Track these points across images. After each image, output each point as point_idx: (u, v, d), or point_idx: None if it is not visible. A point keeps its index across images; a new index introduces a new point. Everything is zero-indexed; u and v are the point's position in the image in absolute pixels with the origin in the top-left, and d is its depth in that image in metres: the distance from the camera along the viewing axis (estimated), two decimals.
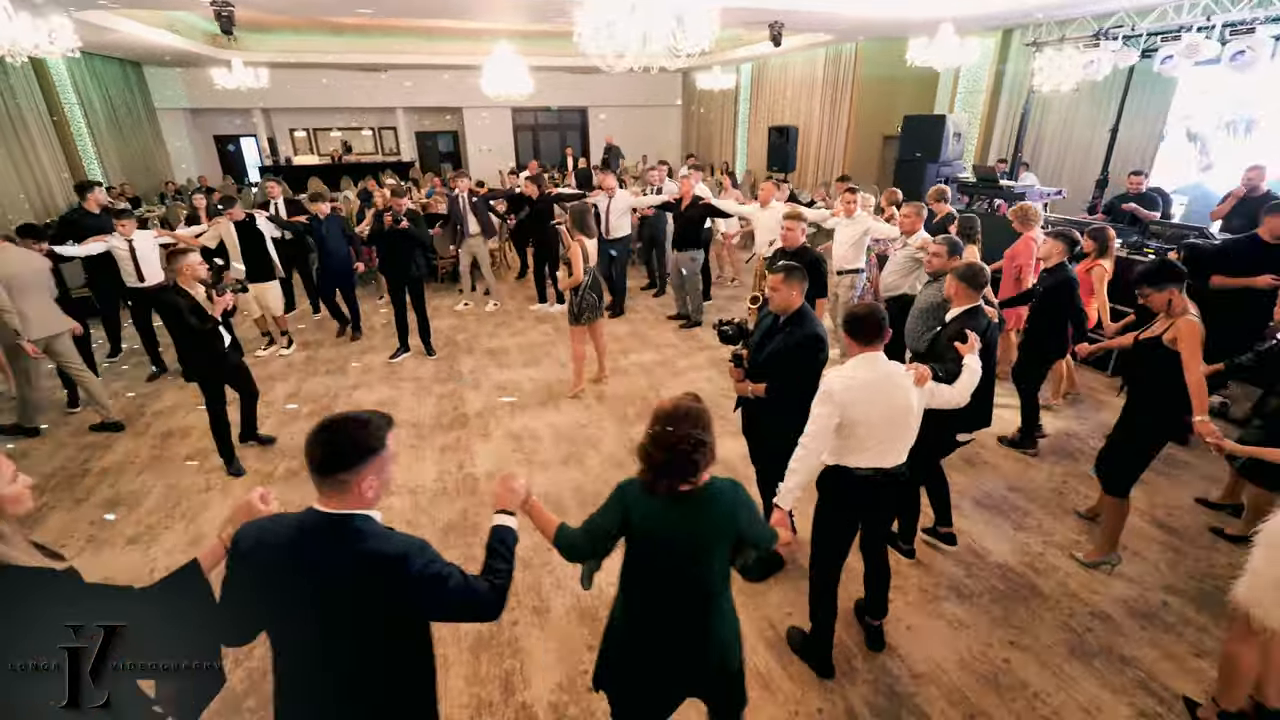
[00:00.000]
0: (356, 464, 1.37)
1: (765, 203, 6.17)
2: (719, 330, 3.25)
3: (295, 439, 4.54)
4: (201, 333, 3.80)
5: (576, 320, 4.80)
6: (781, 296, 2.83)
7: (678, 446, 1.62)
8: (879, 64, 11.13)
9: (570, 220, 4.73)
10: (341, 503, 1.38)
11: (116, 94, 12.32)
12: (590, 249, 4.70)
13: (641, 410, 4.88)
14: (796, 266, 2.87)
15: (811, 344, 2.79)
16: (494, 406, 5.00)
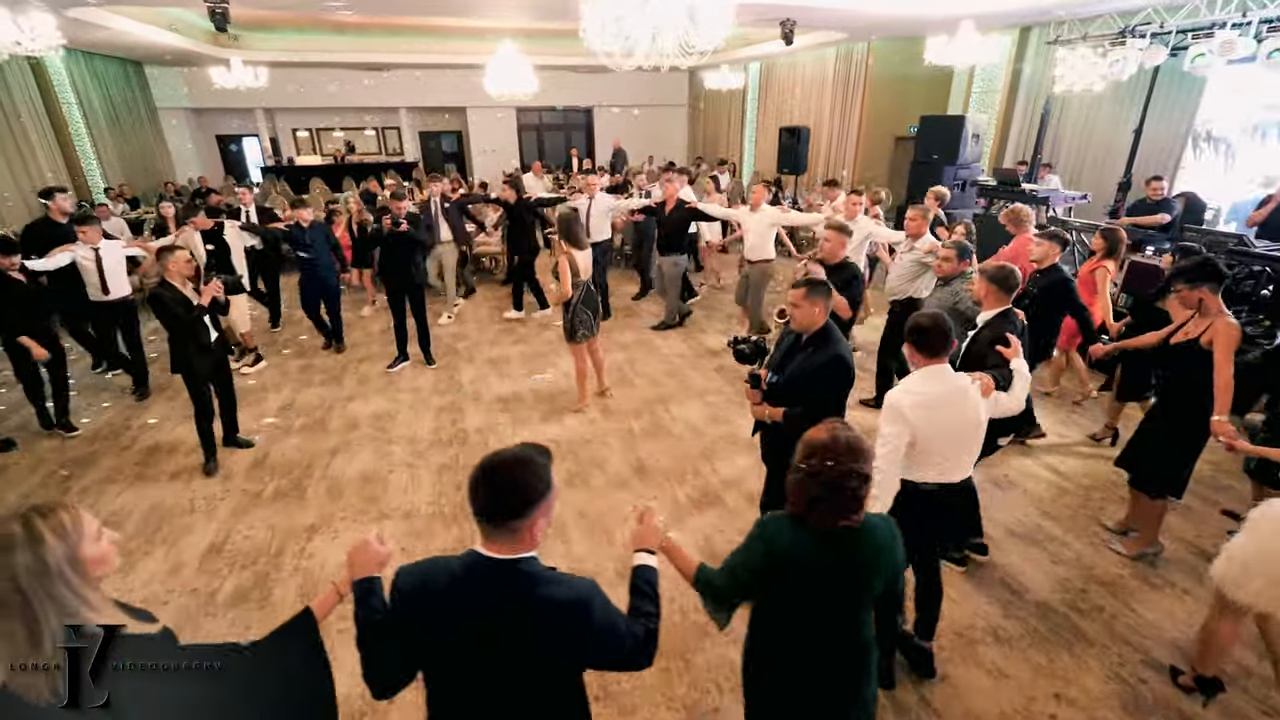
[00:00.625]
0: (529, 510, 1.28)
1: (756, 206, 5.99)
2: (735, 348, 2.99)
3: (286, 454, 4.33)
4: (187, 323, 3.82)
5: (571, 337, 4.56)
6: (803, 314, 2.60)
7: (841, 483, 1.47)
8: (892, 63, 10.87)
9: (558, 230, 4.47)
10: (511, 548, 1.30)
11: (117, 93, 12.17)
12: (582, 261, 4.43)
13: (649, 426, 4.65)
14: (820, 281, 2.64)
15: (835, 367, 2.56)
16: (495, 422, 4.77)
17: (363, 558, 1.48)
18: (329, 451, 4.36)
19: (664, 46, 3.84)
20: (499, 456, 1.31)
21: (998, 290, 2.92)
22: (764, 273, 5.99)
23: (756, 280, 6.08)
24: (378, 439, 4.52)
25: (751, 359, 2.90)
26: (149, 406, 5.09)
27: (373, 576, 1.46)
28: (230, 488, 3.95)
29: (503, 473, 1.28)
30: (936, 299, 3.71)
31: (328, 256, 5.88)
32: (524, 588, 1.28)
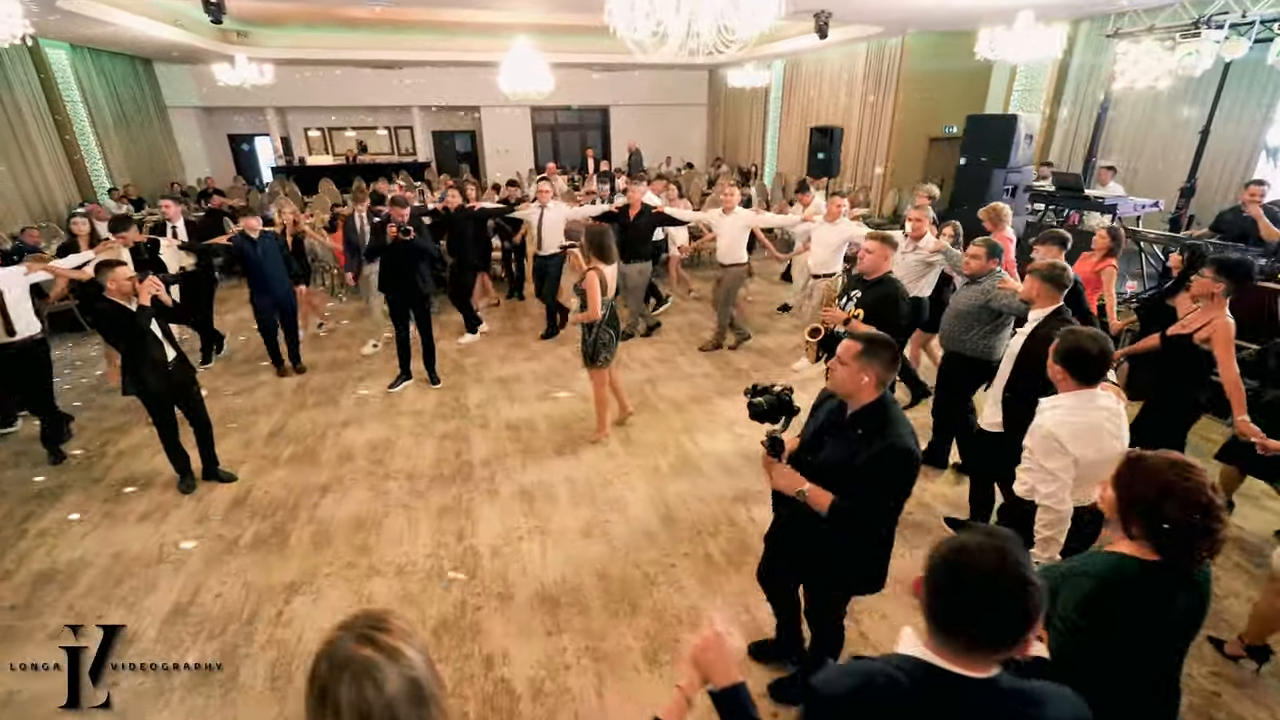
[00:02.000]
0: (1030, 631, 1.01)
1: (729, 209, 5.62)
2: (750, 401, 2.20)
3: (271, 491, 3.88)
4: (134, 334, 3.45)
5: (592, 362, 4.07)
6: (848, 377, 1.92)
7: (1209, 519, 1.32)
8: (927, 59, 10.27)
9: (585, 244, 3.98)
10: (992, 666, 1.04)
11: (125, 91, 11.89)
12: (609, 277, 3.96)
13: (676, 461, 4.15)
14: (884, 342, 1.93)
15: (898, 462, 1.87)
16: (503, 453, 4.29)
17: (716, 656, 1.19)
18: (319, 488, 3.90)
19: (700, 33, 3.33)
20: (1002, 560, 0.98)
21: (1050, 288, 2.84)
22: (737, 277, 5.81)
23: (729, 284, 5.80)
24: (373, 473, 4.06)
25: (772, 417, 2.15)
26: (129, 430, 4.67)
27: (738, 683, 1.17)
28: (205, 532, 3.50)
29: (1018, 587, 0.97)
30: (966, 297, 3.55)
31: (282, 270, 5.27)
32: (1024, 706, 1.02)
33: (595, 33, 13.14)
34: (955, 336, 3.59)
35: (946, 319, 3.64)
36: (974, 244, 3.52)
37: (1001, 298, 3.37)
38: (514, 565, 3.22)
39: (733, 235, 5.67)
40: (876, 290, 3.38)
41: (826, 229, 5.33)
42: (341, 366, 5.81)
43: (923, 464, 3.88)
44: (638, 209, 5.98)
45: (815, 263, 5.38)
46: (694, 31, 3.31)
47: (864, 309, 3.34)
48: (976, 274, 3.53)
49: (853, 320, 3.33)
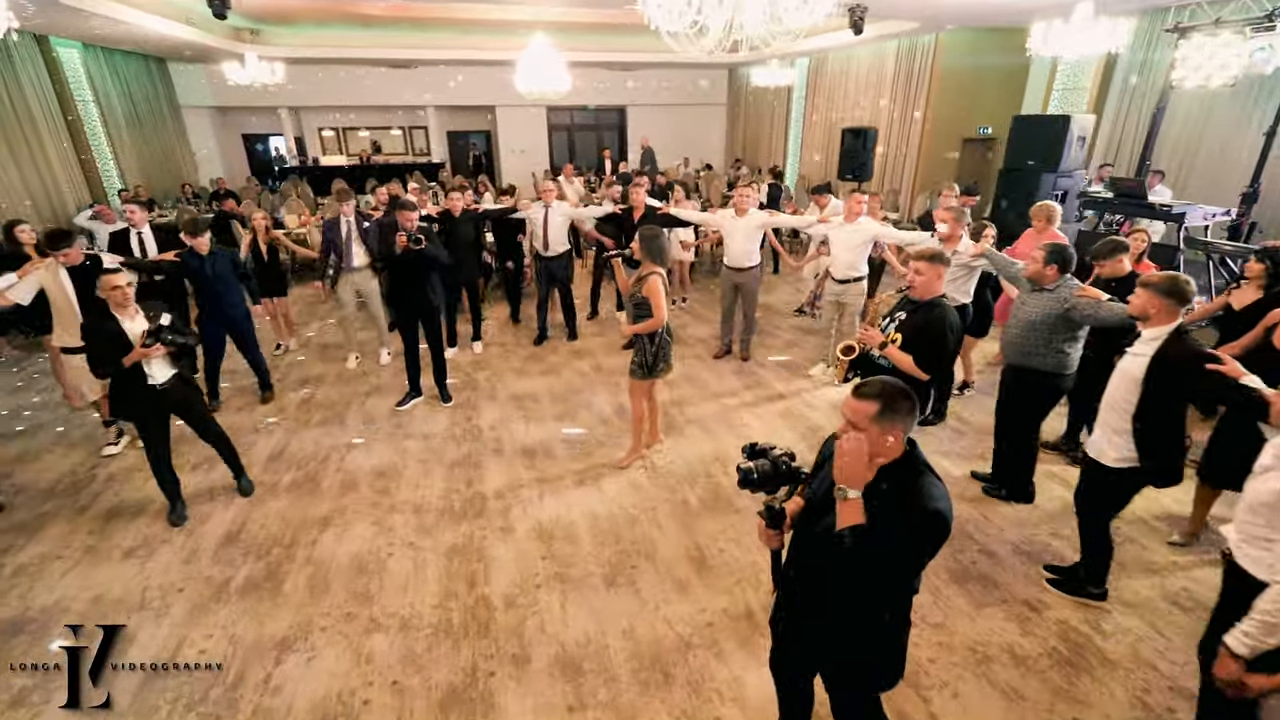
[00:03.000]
0: None
1: (743, 210, 5.26)
2: (739, 467, 1.79)
3: (267, 525, 3.57)
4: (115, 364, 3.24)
5: (650, 372, 3.76)
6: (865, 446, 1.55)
7: None
8: (963, 57, 9.81)
9: (640, 248, 3.65)
10: None
11: (138, 90, 11.74)
12: (665, 281, 3.69)
13: (706, 495, 3.78)
14: (899, 392, 1.60)
15: (927, 527, 1.54)
16: (518, 483, 3.95)
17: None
18: (318, 522, 3.58)
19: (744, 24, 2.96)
20: None
21: (1171, 303, 2.49)
22: (756, 280, 5.45)
23: (749, 290, 5.45)
24: (378, 505, 3.73)
25: (768, 486, 1.77)
26: (120, 454, 4.39)
27: None
28: (192, 573, 3.19)
29: None
30: (1037, 307, 3.23)
31: (237, 291, 4.78)
32: None
33: (613, 31, 12.80)
34: (1026, 349, 3.28)
35: (1012, 331, 3.34)
36: (1037, 247, 3.21)
37: (1086, 308, 3.05)
38: (531, 620, 2.88)
39: (746, 236, 5.32)
40: (925, 315, 2.95)
41: (846, 231, 5.03)
42: (348, 380, 5.51)
43: (1005, 498, 3.65)
44: (641, 211, 5.69)
45: (838, 267, 5.10)
46: (738, 24, 2.93)
47: (905, 333, 2.96)
48: (1038, 280, 3.22)
49: (890, 345, 2.97)
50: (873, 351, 3.03)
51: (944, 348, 2.93)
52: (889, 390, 1.59)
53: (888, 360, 2.95)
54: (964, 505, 3.65)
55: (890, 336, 2.99)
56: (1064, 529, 3.46)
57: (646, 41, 14.00)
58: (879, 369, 2.97)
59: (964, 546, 3.34)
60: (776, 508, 1.74)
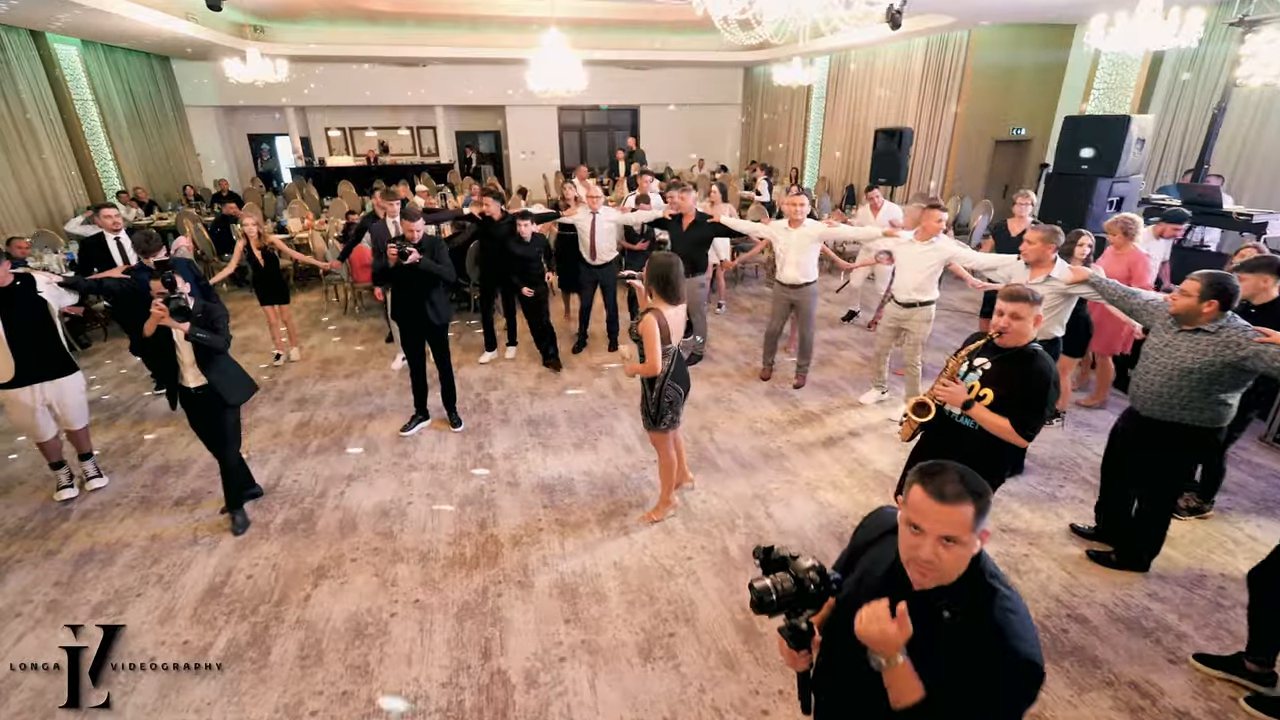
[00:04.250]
0: None
1: (796, 221, 4.82)
2: (751, 585, 1.30)
3: (257, 577, 3.16)
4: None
5: (655, 424, 3.27)
6: (947, 559, 1.17)
7: None
8: (997, 55, 9.33)
9: (646, 275, 3.14)
10: None
11: (140, 89, 11.42)
12: (674, 321, 3.13)
13: (749, 542, 3.35)
14: (981, 496, 1.19)
15: (1023, 682, 1.15)
16: (536, 526, 3.53)
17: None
18: (312, 572, 3.18)
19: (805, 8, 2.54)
20: None
21: None
22: (814, 297, 5.04)
23: (805, 310, 5.00)
24: (380, 551, 3.32)
25: (790, 608, 1.30)
26: (95, 492, 4.00)
27: None
28: (168, 637, 2.79)
29: None
30: (1192, 352, 2.67)
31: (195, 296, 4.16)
32: None
33: (627, 28, 12.41)
34: (1172, 401, 2.76)
35: (1152, 379, 2.81)
36: (1191, 277, 2.65)
37: (1271, 359, 2.48)
38: (556, 704, 2.46)
39: (802, 250, 4.85)
40: (1019, 366, 2.41)
41: (917, 250, 4.36)
42: (349, 400, 5.11)
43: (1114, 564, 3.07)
44: (691, 217, 5.26)
45: (903, 289, 4.47)
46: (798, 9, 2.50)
47: (994, 388, 2.43)
48: (1191, 318, 2.67)
49: (977, 404, 2.43)
50: (952, 411, 2.52)
51: (1045, 406, 2.39)
52: (975, 483, 1.19)
53: (972, 421, 2.45)
54: (1043, 559, 3.22)
55: (978, 392, 2.46)
56: (1162, 589, 3.02)
57: (661, 39, 13.62)
58: (960, 432, 2.51)
59: (1051, 610, 2.90)
60: (802, 627, 1.31)
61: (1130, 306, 3.08)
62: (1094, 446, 4.26)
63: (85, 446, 3.91)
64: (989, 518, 1.19)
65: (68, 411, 3.72)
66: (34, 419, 3.61)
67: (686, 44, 13.51)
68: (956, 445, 2.44)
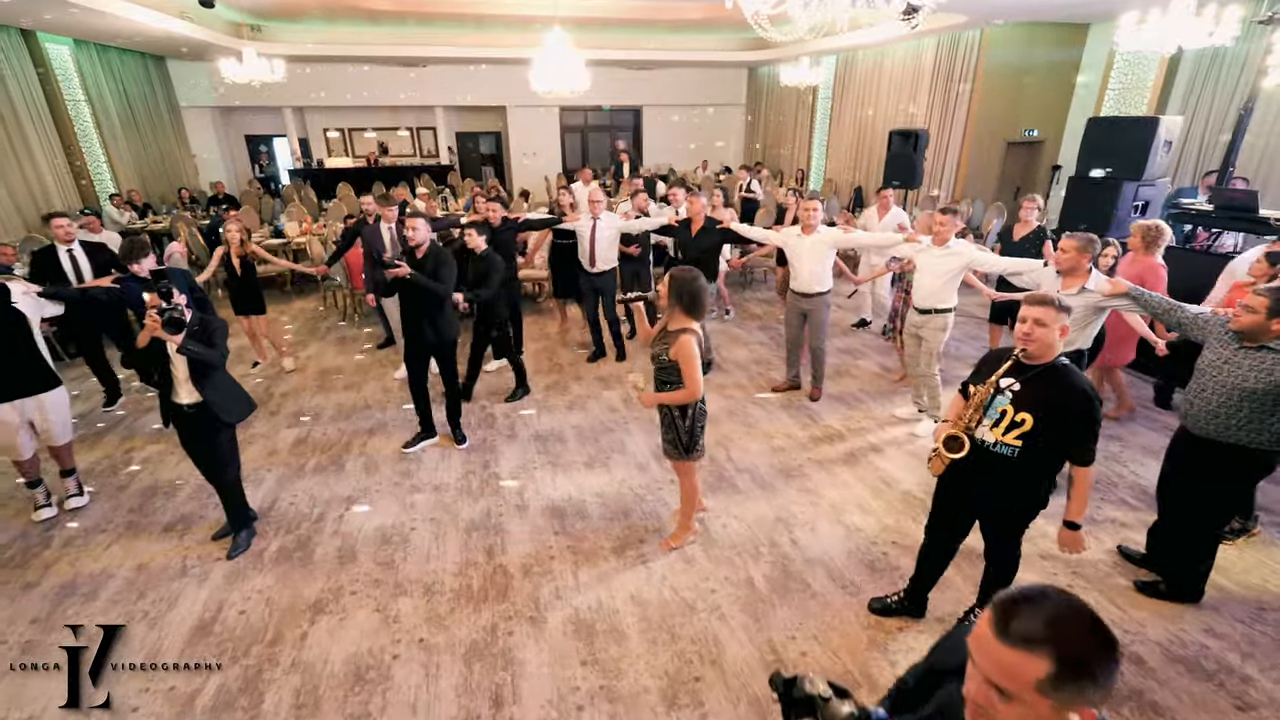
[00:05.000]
0: None
1: (810, 228, 4.60)
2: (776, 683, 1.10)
3: (249, 613, 2.95)
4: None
5: (688, 451, 3.06)
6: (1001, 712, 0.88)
7: None
8: (1009, 54, 9.14)
9: (670, 293, 2.83)
10: None
11: (134, 89, 11.20)
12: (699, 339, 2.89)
13: (774, 573, 3.15)
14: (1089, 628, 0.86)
15: None
16: (547, 553, 3.33)
17: None
18: (309, 608, 2.97)
19: None
20: None
21: None
22: (828, 307, 4.86)
23: (818, 320, 4.80)
24: (381, 584, 3.12)
25: None
26: (92, 543, 3.79)
27: None
28: (153, 684, 2.57)
29: None
30: (1255, 370, 2.50)
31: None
32: None
33: (630, 28, 12.21)
34: (1231, 422, 2.60)
35: (1209, 398, 2.64)
36: (1256, 291, 2.48)
37: None
38: None
39: (817, 258, 4.66)
40: (1052, 384, 2.18)
41: (935, 255, 4.19)
42: (348, 415, 4.90)
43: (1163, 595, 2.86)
44: (701, 223, 5.06)
45: (921, 295, 4.32)
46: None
47: (1032, 411, 2.18)
48: (1256, 335, 2.50)
49: (1015, 425, 2.21)
50: (986, 440, 2.29)
51: (1095, 424, 2.17)
52: (1068, 637, 0.84)
53: (1010, 448, 2.24)
54: (1088, 590, 3.01)
55: (1012, 416, 2.22)
56: (1219, 623, 2.82)
57: (664, 39, 13.43)
58: (996, 462, 2.28)
59: None
60: None
61: (1178, 320, 2.87)
62: (1129, 463, 4.07)
63: (68, 463, 3.71)
64: (1092, 690, 0.83)
65: (51, 428, 3.53)
66: (16, 438, 3.41)
67: (690, 43, 13.31)
68: (993, 475, 2.31)
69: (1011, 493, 2.35)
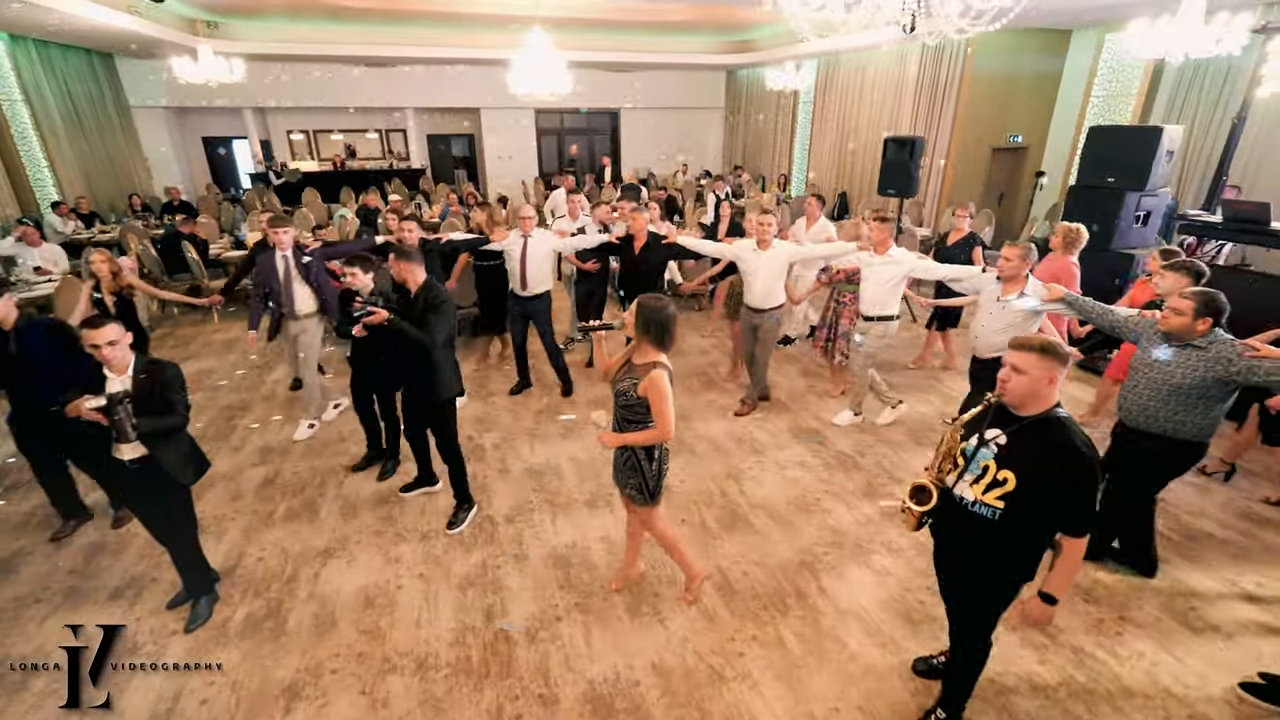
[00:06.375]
0: None
1: (765, 243, 4.41)
2: None
3: (212, 701, 2.54)
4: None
5: (653, 497, 2.70)
6: None
7: None
8: (997, 62, 9.09)
9: (638, 325, 2.46)
10: None
11: (79, 88, 10.45)
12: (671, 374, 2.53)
13: (808, 630, 2.86)
14: None
15: None
16: (553, 612, 2.99)
17: None
18: (283, 693, 2.57)
19: None
20: None
21: None
22: (778, 322, 4.67)
23: (767, 335, 4.63)
24: (366, 657, 2.74)
25: None
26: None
27: None
28: None
29: None
30: (1184, 367, 2.67)
31: (63, 369, 2.98)
32: None
33: (608, 29, 11.89)
34: (1164, 415, 2.77)
35: (1142, 394, 2.82)
36: (1183, 294, 2.67)
37: (1266, 373, 2.50)
38: None
39: (771, 274, 4.48)
40: (1041, 440, 1.87)
41: (878, 264, 4.27)
42: (320, 449, 4.48)
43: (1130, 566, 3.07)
44: (644, 239, 4.71)
45: (865, 303, 4.39)
46: None
47: (1016, 469, 1.88)
48: (1184, 335, 2.68)
49: (997, 484, 1.90)
50: (965, 497, 1.98)
51: (1093, 495, 1.85)
52: None
53: (991, 509, 1.93)
54: (1140, 637, 2.80)
55: (994, 474, 1.92)
56: None
57: (644, 40, 13.14)
58: (975, 523, 1.97)
59: (1172, 712, 2.47)
60: None
61: (1109, 323, 3.07)
62: None
63: None
64: None
65: None
66: None
67: (669, 45, 13.06)
68: (972, 538, 2.02)
69: (989, 560, 2.02)
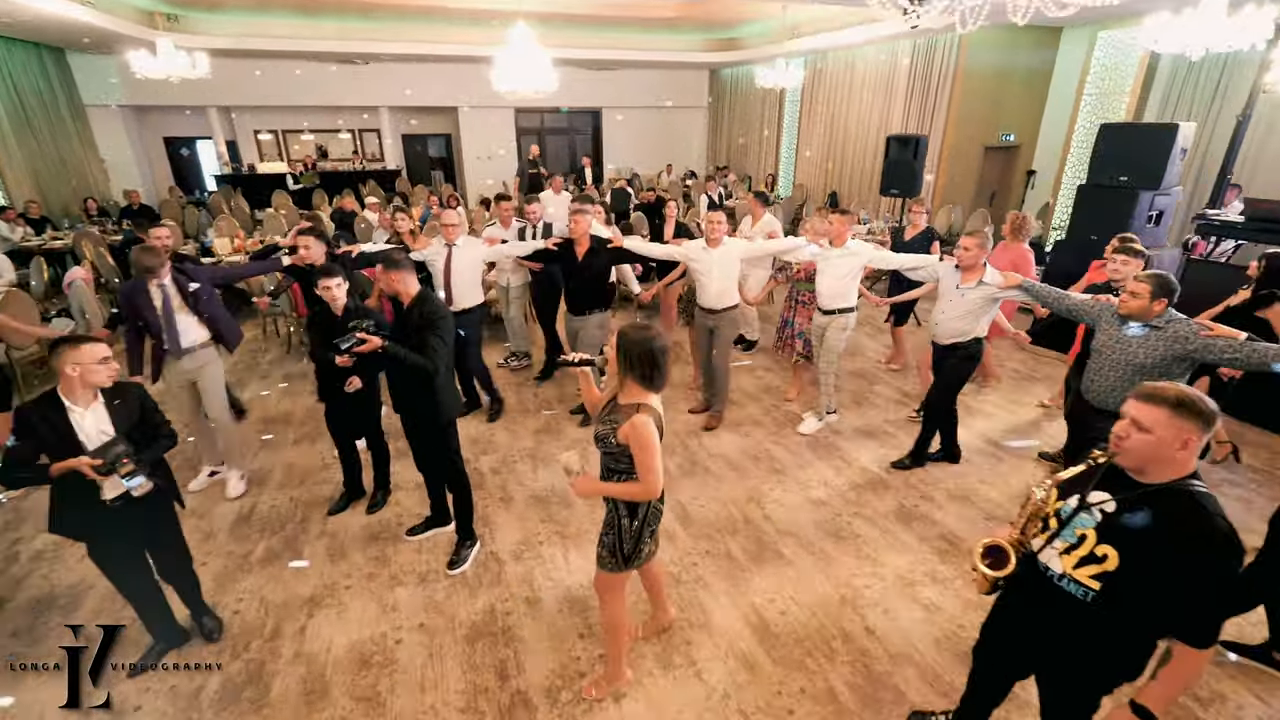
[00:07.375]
0: None
1: (715, 241, 4.22)
2: None
3: None
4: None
5: (626, 562, 2.25)
6: None
7: None
8: (989, 58, 8.99)
9: (622, 359, 2.08)
10: None
11: (27, 84, 9.79)
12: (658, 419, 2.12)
13: (856, 674, 2.58)
14: None
15: None
16: (574, 667, 2.66)
17: None
18: None
19: None
20: None
21: None
22: (733, 323, 4.49)
23: (725, 336, 4.44)
24: None
25: None
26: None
27: None
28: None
29: None
30: (1144, 347, 2.73)
31: None
32: None
33: (590, 25, 11.55)
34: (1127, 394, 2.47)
35: (1107, 375, 2.86)
36: (1138, 278, 2.73)
37: (1220, 350, 2.54)
38: None
39: (724, 273, 4.29)
40: (1161, 516, 1.48)
41: (834, 256, 4.25)
42: (302, 477, 4.08)
43: None
44: (586, 245, 4.32)
45: (823, 297, 4.36)
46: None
47: (1121, 547, 1.51)
48: (1142, 316, 2.74)
49: (1094, 560, 1.54)
50: (1052, 568, 1.63)
51: (1228, 597, 1.48)
52: None
53: (1085, 589, 1.57)
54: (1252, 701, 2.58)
55: (1092, 545, 1.56)
56: None
57: (627, 38, 12.83)
58: (1063, 599, 1.61)
59: None
60: None
61: (1066, 307, 3.14)
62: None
63: None
64: None
65: None
66: None
67: (652, 43, 12.77)
68: (1056, 617, 1.64)
69: (1077, 649, 1.63)
